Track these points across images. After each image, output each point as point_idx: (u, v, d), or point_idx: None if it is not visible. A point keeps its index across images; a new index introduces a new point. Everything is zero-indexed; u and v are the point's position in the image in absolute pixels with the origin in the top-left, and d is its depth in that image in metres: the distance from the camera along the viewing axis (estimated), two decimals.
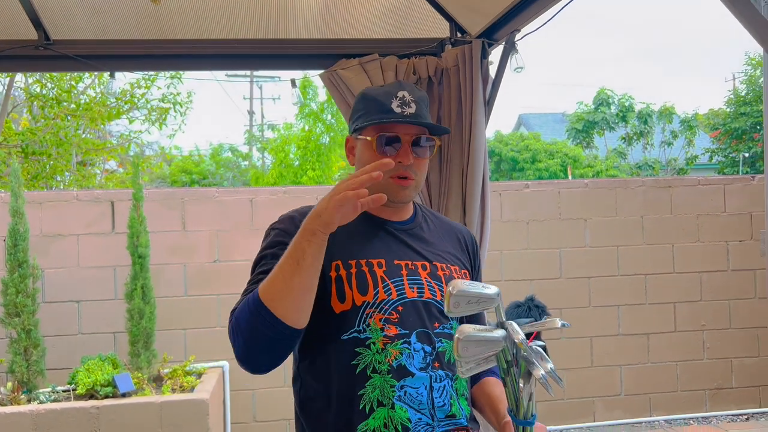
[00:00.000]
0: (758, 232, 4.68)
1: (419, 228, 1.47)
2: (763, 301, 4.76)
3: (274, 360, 1.27)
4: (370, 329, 1.30)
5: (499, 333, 1.13)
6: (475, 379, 1.48)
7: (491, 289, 1.15)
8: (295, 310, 1.22)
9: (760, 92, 12.82)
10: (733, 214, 4.85)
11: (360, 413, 1.28)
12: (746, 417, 4.75)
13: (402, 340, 1.31)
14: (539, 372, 1.10)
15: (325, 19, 3.04)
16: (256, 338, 1.22)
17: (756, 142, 13.18)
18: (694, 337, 4.79)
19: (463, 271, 1.46)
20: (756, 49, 14.08)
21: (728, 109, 14.66)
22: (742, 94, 14.37)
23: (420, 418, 1.29)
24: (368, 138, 1.37)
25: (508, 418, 1.27)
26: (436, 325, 1.35)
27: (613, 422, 4.66)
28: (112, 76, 2.98)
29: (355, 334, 1.31)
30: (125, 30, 2.94)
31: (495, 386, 1.44)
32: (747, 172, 13.14)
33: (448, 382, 1.33)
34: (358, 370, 1.29)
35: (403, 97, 1.38)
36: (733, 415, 4.76)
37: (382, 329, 1.30)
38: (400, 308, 1.33)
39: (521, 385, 1.15)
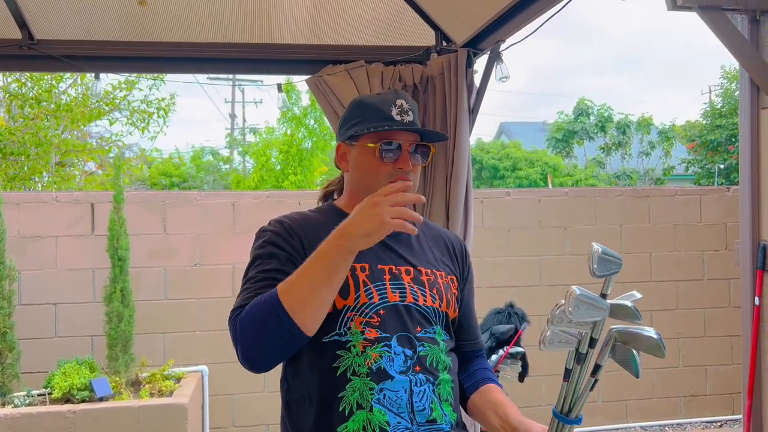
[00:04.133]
0: (733, 243, 4.77)
1: (407, 234, 1.48)
2: (737, 310, 4.84)
3: (277, 360, 1.30)
4: (350, 332, 1.31)
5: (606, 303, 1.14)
6: (474, 386, 1.49)
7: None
8: (313, 319, 1.25)
9: (736, 105, 13.07)
10: (709, 225, 4.95)
11: (339, 416, 1.29)
12: (720, 424, 4.83)
13: (382, 344, 1.31)
14: (649, 333, 1.11)
15: (312, 25, 3.05)
16: (267, 338, 1.24)
17: (731, 154, 13.42)
18: (669, 345, 4.86)
19: (449, 276, 1.47)
20: (731, 62, 14.37)
21: (704, 121, 14.90)
22: (718, 106, 14.62)
23: (399, 422, 1.29)
24: (370, 145, 1.39)
25: (526, 426, 1.32)
26: (419, 329, 1.36)
27: (591, 428, 4.71)
28: (96, 77, 2.95)
29: (336, 337, 1.32)
30: (111, 31, 2.93)
31: (498, 393, 1.46)
32: (722, 183, 13.36)
33: (429, 387, 1.33)
34: (338, 373, 1.30)
35: (401, 105, 1.41)
36: (707, 422, 4.84)
37: (362, 332, 1.31)
38: (381, 312, 1.34)
39: (584, 381, 1.19)
